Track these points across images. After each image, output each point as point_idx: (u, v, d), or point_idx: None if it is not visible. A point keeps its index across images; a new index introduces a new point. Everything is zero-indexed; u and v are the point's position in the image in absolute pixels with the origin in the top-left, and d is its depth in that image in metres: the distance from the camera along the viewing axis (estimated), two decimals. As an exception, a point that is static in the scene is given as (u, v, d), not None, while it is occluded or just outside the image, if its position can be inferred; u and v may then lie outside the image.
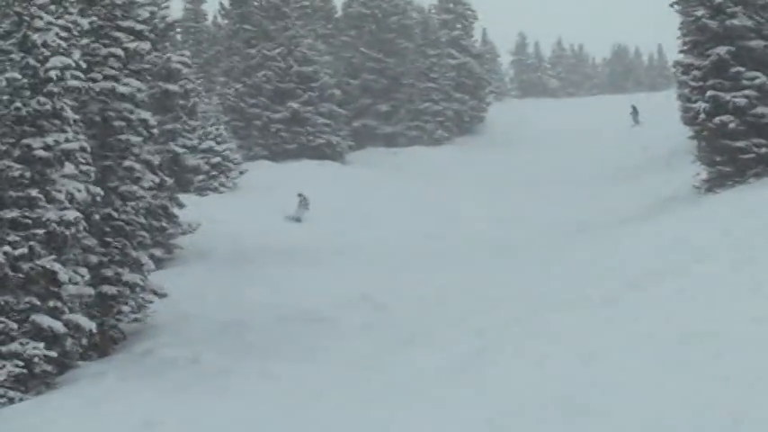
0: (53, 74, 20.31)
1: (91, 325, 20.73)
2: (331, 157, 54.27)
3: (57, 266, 20.05)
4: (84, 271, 21.45)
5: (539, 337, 16.38)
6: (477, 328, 18.83)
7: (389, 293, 25.58)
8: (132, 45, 24.61)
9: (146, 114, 24.85)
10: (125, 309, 23.80)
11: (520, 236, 32.23)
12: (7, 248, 19.53)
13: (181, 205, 31.87)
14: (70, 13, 22.44)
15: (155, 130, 25.63)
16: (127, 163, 24.19)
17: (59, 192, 20.51)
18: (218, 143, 44.76)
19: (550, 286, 21.36)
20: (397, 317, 23.28)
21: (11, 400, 18.68)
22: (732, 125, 28.40)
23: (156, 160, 25.98)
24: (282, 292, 26.88)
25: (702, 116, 29.18)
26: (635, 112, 60.41)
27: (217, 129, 45.53)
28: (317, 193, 40.05)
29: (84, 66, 21.99)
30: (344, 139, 56.87)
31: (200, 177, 41.77)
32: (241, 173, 45.52)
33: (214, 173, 43.85)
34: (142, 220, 24.80)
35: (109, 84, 23.98)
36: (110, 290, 23.24)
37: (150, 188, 25.22)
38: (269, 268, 29.75)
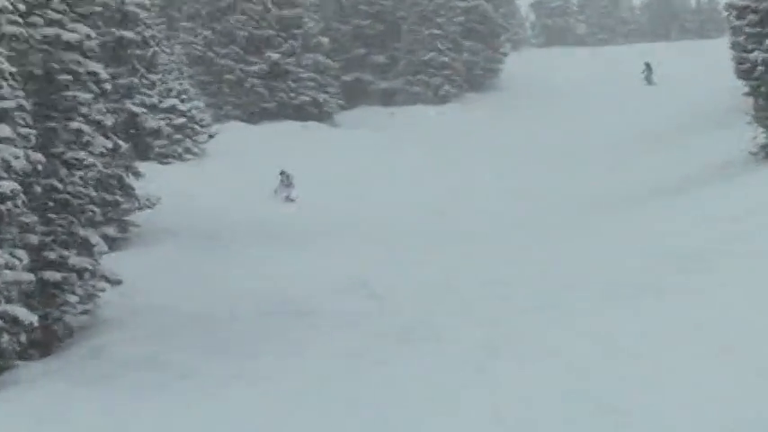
0: (-16, 18, 20.10)
1: (31, 318, 20.59)
2: (317, 118, 54.16)
3: (-10, 248, 19.91)
4: (22, 253, 21.27)
5: (561, 329, 16.58)
6: (488, 318, 19.00)
7: (387, 278, 25.68)
8: (80, -17, 24.41)
9: (96, 66, 24.64)
10: (72, 299, 23.69)
11: (539, 211, 32.48)
12: (-69, 227, 19.39)
13: (138, 175, 31.80)
14: (5, -54, 22.18)
15: (107, 86, 25.42)
16: (74, 124, 24.01)
17: (-7, 159, 20.34)
18: (182, 101, 44.80)
19: (575, 270, 21.62)
20: (397, 305, 23.34)
21: (-64, 408, 18.56)
22: (796, 79, 28.29)
23: (109, 121, 25.81)
24: (261, 277, 26.84)
25: (761, 69, 29.06)
26: (648, 69, 60.98)
27: (181, 84, 45.53)
28: (302, 162, 40.05)
29: (22, 9, 21.76)
30: (333, 97, 56.77)
31: (162, 142, 41.81)
32: (210, 136, 45.47)
33: (178, 136, 43.82)
34: (92, 192, 24.66)
35: (52, 30, 23.74)
36: (53, 276, 23.09)
37: (102, 155, 25.09)
38: (245, 250, 29.79)
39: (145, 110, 34.24)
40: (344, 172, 40.55)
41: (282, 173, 37.86)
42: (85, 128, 24.18)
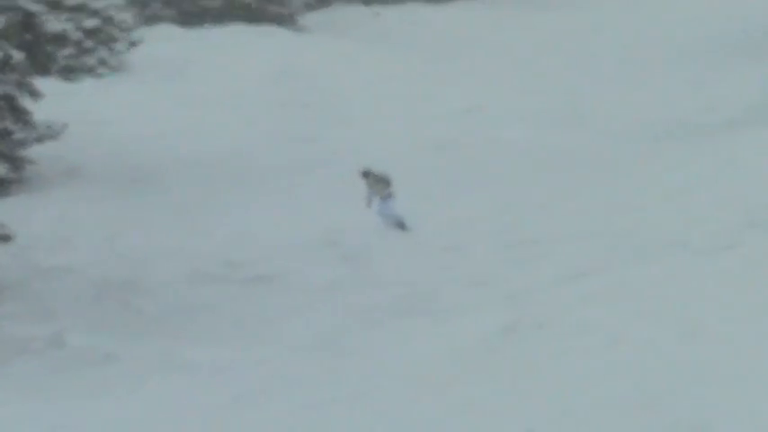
0: None
1: None
2: (276, 21, 53.81)
3: None
4: None
5: (609, 302, 16.83)
6: (509, 290, 19.32)
7: (370, 235, 25.83)
8: None
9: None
10: (-54, 260, 23.77)
11: (579, 144, 32.53)
12: None
13: (36, 95, 31.67)
14: None
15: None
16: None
17: None
18: (95, -4, 44.34)
19: (626, 224, 21.93)
20: (383, 272, 23.48)
21: None
22: None
23: (-4, 23, 25.75)
24: (199, 231, 27.02)
25: None
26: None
27: (94, -29, 45.07)
28: (257, 77, 40.13)
29: None
30: (298, -8, 56.51)
31: (68, 51, 41.76)
32: (133, 44, 45.17)
33: (89, 44, 43.50)
34: (-27, 118, 24.64)
35: None
36: None
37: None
38: (179, 194, 29.99)
39: (44, 7, 34.14)
40: (315, 92, 40.36)
41: (367, 174, 28.23)
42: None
